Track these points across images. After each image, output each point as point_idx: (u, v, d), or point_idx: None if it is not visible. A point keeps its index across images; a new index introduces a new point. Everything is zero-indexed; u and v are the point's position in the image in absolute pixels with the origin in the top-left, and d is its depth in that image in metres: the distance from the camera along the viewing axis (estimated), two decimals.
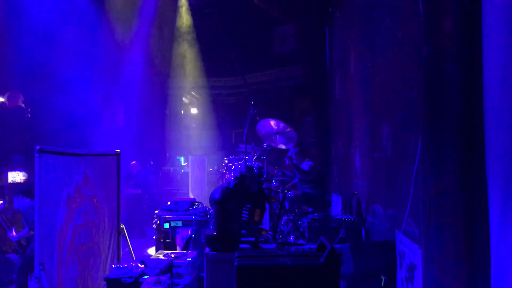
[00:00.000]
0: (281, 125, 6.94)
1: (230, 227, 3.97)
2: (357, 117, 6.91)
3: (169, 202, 6.27)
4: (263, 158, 7.19)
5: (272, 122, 6.89)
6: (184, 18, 12.26)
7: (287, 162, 7.46)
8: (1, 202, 6.62)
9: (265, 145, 6.92)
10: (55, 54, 8.95)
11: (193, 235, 5.54)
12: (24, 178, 9.39)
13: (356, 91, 7.01)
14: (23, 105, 10.84)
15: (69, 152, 4.68)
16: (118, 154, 5.62)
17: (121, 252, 5.76)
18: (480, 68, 3.09)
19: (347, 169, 7.51)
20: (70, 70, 9.14)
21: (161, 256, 4.78)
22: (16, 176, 9.99)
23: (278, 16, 11.09)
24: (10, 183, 9.09)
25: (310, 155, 8.18)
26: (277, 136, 6.90)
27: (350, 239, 5.55)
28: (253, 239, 4.16)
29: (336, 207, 7.57)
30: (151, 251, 7.33)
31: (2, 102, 10.84)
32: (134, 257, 5.74)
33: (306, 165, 7.43)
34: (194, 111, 14.85)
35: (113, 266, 3.99)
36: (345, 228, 5.66)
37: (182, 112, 14.63)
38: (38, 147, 4.05)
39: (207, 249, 4.13)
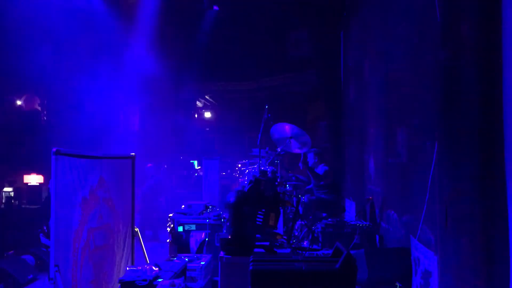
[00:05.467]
0: (295, 129, 6.92)
1: (245, 231, 3.96)
2: (372, 122, 6.87)
3: (183, 206, 6.29)
4: (276, 162, 7.18)
5: (286, 127, 6.87)
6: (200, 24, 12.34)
7: (301, 167, 7.43)
8: None
9: (279, 149, 6.90)
10: (71, 58, 9.05)
11: (207, 239, 5.54)
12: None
13: (371, 96, 6.97)
14: (39, 108, 10.97)
15: (85, 155, 4.71)
16: (133, 157, 5.65)
17: (135, 255, 5.78)
18: (500, 72, 3.04)
19: (361, 174, 7.46)
20: (86, 74, 9.24)
21: (175, 259, 4.79)
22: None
23: (293, 21, 11.09)
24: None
25: (325, 160, 8.14)
26: (291, 140, 6.88)
27: (365, 245, 5.50)
28: (267, 243, 4.14)
29: (350, 213, 7.53)
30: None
31: (19, 105, 10.99)
32: (148, 260, 5.76)
33: (321, 169, 7.40)
34: (208, 115, 14.91)
35: (127, 268, 4.00)
36: (359, 234, 5.62)
37: (196, 116, 14.69)
38: (54, 149, 4.08)
39: (221, 253, 4.12)
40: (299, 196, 6.71)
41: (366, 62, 7.41)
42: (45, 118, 10.95)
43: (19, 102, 10.88)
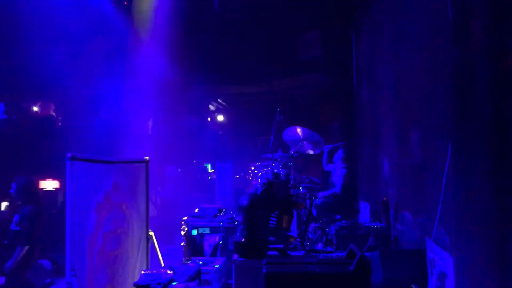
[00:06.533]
0: (307, 131, 6.91)
1: (258, 234, 3.96)
2: (385, 123, 6.83)
3: (196, 209, 6.31)
4: (289, 165, 7.17)
5: (298, 129, 6.87)
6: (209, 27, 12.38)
7: (330, 168, 7.37)
8: None
9: (292, 151, 6.89)
10: (85, 63, 9.15)
11: (220, 242, 5.55)
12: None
13: (383, 96, 6.93)
14: (54, 114, 11.10)
15: (100, 160, 4.76)
16: (147, 161, 5.69)
17: (150, 259, 5.81)
18: None
19: (375, 175, 7.41)
20: (99, 79, 9.33)
21: (189, 263, 4.81)
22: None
23: (304, 23, 11.08)
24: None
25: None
26: (303, 142, 6.86)
27: (379, 247, 5.46)
28: (281, 246, 4.14)
29: (365, 214, 7.47)
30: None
31: (35, 111, 11.14)
32: (163, 263, 5.79)
33: (341, 173, 7.36)
34: (220, 118, 14.95)
35: (142, 272, 4.03)
36: (374, 235, 5.57)
37: (209, 119, 14.74)
38: (69, 155, 4.13)
39: (235, 256, 4.12)
40: (312, 198, 6.70)
41: (378, 63, 7.37)
42: (60, 124, 11.08)
43: (35, 108, 11.03)
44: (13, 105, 10.69)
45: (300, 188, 7.47)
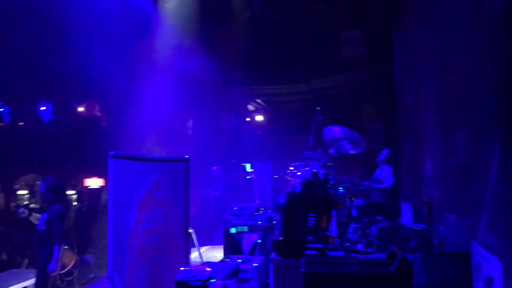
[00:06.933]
0: (347, 130, 6.82)
1: (296, 233, 3.93)
2: (428, 123, 6.65)
3: (235, 207, 6.34)
4: (329, 164, 7.08)
5: (337, 128, 6.79)
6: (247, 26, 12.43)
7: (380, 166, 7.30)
8: None
9: (332, 151, 6.81)
10: (128, 64, 9.37)
11: (259, 241, 5.55)
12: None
13: (426, 95, 6.75)
14: (99, 114, 11.43)
15: (141, 158, 4.86)
16: (187, 160, 5.76)
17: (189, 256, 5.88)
18: None
19: (417, 176, 7.23)
20: (142, 78, 9.53)
21: (227, 261, 4.84)
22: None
23: (343, 21, 10.93)
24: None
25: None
26: (344, 142, 6.78)
27: (421, 249, 5.30)
28: (320, 245, 4.09)
29: (406, 216, 7.30)
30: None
31: (80, 111, 11.50)
32: (201, 260, 5.85)
33: (388, 172, 7.23)
34: (259, 118, 14.95)
35: (181, 269, 4.08)
36: (416, 237, 5.42)
37: (248, 119, 14.78)
38: (112, 153, 4.23)
39: (273, 255, 4.11)
40: (352, 198, 6.60)
41: (420, 61, 7.18)
42: (104, 124, 11.39)
43: (80, 109, 11.40)
44: (60, 106, 11.08)
45: (340, 188, 7.36)
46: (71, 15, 8.58)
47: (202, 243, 7.33)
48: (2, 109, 10.84)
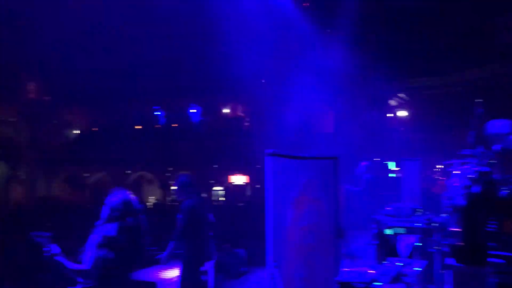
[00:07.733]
0: None
1: (478, 238, 3.55)
2: None
3: (389, 208, 6.04)
4: (493, 163, 6.38)
5: (504, 122, 6.07)
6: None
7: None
8: None
9: (498, 147, 6.12)
10: (272, 63, 9.55)
11: (419, 244, 5.21)
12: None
13: None
14: (242, 114, 11.90)
15: (295, 156, 4.86)
16: (337, 158, 5.64)
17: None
18: None
19: None
20: (284, 78, 9.65)
21: (386, 263, 4.61)
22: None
23: (500, 4, 9.84)
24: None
25: None
26: (510, 136, 6.04)
27: None
28: (508, 253, 3.62)
29: None
30: None
31: (225, 113, 12.10)
32: (354, 261, 5.68)
33: None
34: (402, 113, 14.24)
35: (343, 269, 3.97)
36: None
37: (390, 115, 14.18)
38: (270, 151, 4.28)
39: (450, 260, 3.75)
40: None
41: None
42: (248, 124, 11.82)
43: (225, 110, 11.99)
44: (207, 108, 11.76)
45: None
46: (217, 20, 8.99)
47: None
48: (159, 113, 11.85)
